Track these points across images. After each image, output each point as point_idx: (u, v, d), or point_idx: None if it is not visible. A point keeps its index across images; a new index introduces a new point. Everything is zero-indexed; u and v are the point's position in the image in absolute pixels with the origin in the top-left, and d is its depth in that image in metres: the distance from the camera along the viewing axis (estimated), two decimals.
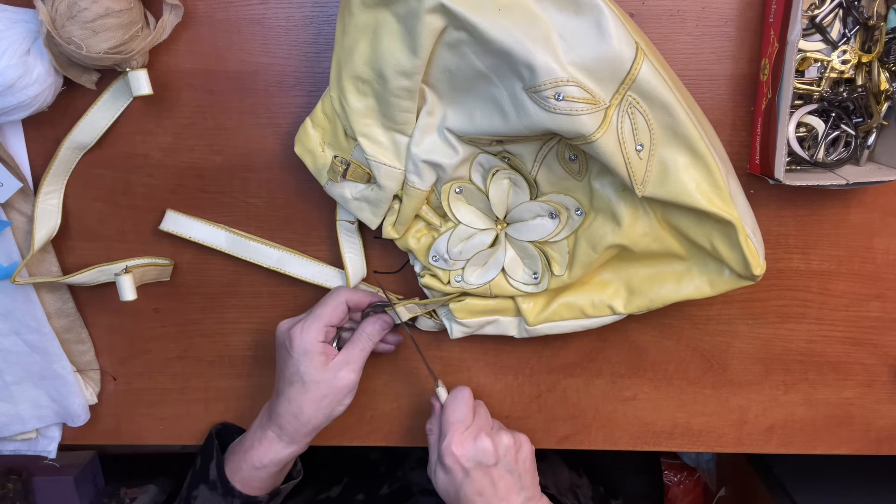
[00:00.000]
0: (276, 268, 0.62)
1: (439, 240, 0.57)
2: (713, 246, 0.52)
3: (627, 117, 0.47)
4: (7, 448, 0.68)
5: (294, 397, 0.57)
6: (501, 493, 0.56)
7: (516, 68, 0.46)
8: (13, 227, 0.60)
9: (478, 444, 0.56)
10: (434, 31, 0.47)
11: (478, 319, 0.60)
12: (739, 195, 0.52)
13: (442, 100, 0.52)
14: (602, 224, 0.54)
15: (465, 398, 0.58)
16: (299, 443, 0.59)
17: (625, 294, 0.57)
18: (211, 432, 0.65)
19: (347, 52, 0.51)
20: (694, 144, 0.48)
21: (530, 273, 0.57)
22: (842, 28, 0.55)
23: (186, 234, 0.61)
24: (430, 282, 0.59)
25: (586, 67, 0.45)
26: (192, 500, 0.60)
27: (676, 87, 0.48)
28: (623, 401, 0.67)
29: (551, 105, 0.45)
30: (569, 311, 0.58)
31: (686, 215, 0.52)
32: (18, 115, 0.54)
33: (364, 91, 0.52)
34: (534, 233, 0.56)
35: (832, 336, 0.64)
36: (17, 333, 0.63)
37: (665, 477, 1.23)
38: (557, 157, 0.54)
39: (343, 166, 0.54)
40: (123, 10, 0.51)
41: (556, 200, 0.55)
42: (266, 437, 0.59)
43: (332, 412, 0.58)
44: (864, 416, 0.66)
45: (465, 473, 0.55)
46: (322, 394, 0.57)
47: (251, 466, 0.59)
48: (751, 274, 0.51)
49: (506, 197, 0.56)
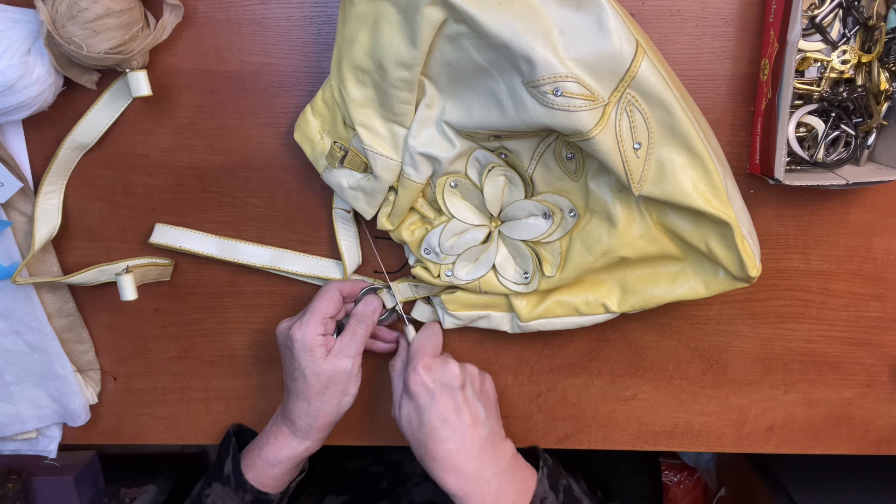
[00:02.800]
0: (269, 267, 0.62)
1: (432, 233, 0.57)
2: (709, 247, 0.52)
3: (626, 115, 0.47)
4: (7, 448, 0.68)
5: (301, 392, 0.57)
6: (466, 420, 0.55)
7: (515, 62, 0.45)
8: (13, 227, 0.60)
9: (445, 366, 0.56)
10: (434, 24, 0.47)
11: (469, 313, 0.60)
12: (736, 196, 0.51)
13: (441, 93, 0.52)
14: (597, 225, 0.54)
15: (436, 332, 0.59)
16: (313, 438, 0.59)
17: (619, 293, 0.57)
18: (229, 431, 0.65)
19: (348, 42, 0.51)
20: (692, 144, 0.48)
21: (521, 272, 0.57)
22: (842, 28, 0.55)
23: (177, 244, 0.62)
24: (421, 273, 0.59)
25: (586, 63, 0.45)
26: (205, 499, 0.60)
27: (675, 86, 0.48)
28: (623, 401, 0.67)
29: (549, 100, 0.45)
30: (562, 308, 0.58)
31: (682, 216, 0.52)
32: (19, 115, 0.54)
33: (364, 81, 0.52)
34: (527, 232, 0.56)
35: (832, 336, 0.64)
36: (17, 333, 0.63)
37: (665, 477, 1.23)
38: (554, 155, 0.54)
39: (342, 152, 0.54)
40: (124, 10, 0.51)
41: (550, 200, 0.55)
42: (281, 432, 0.60)
43: (339, 403, 0.58)
44: (864, 416, 0.66)
45: (431, 396, 0.55)
46: (324, 384, 0.57)
47: (266, 462, 0.59)
48: (746, 275, 0.51)
49: (501, 194, 0.56)
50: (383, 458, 0.78)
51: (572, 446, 0.68)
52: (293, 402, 0.58)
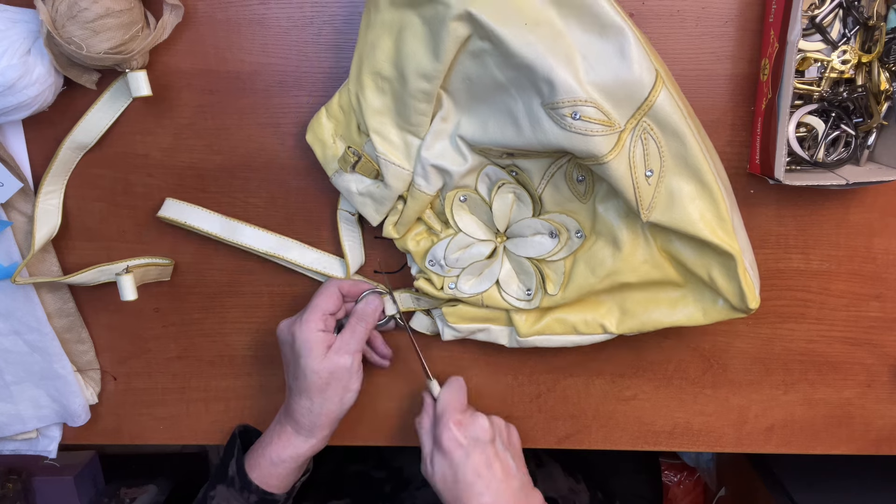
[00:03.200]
0: (271, 253, 0.61)
1: (437, 245, 0.57)
2: (711, 276, 0.52)
3: (640, 142, 0.47)
4: (7, 448, 0.68)
5: (303, 390, 0.57)
6: (498, 474, 0.55)
7: (536, 83, 0.46)
8: (13, 227, 0.60)
9: (475, 421, 0.56)
10: (458, 39, 0.47)
11: (469, 326, 0.60)
12: (741, 229, 0.52)
13: (458, 107, 0.52)
14: (602, 248, 0.54)
15: (462, 386, 0.59)
16: (317, 436, 0.59)
17: (618, 314, 0.58)
18: (234, 432, 0.65)
19: (370, 48, 0.51)
20: (703, 175, 0.49)
21: (524, 289, 0.58)
22: (842, 28, 0.55)
23: (182, 219, 0.60)
24: (424, 286, 0.59)
25: (605, 89, 0.46)
26: (209, 501, 0.60)
27: (690, 117, 0.48)
28: (623, 401, 0.67)
29: (567, 123, 0.46)
30: (561, 325, 0.58)
31: (687, 244, 0.52)
32: (19, 115, 0.54)
33: (383, 88, 0.52)
34: (532, 249, 0.56)
35: (832, 336, 0.64)
36: (17, 333, 0.63)
37: (665, 477, 1.23)
38: (565, 177, 0.54)
39: (355, 157, 0.54)
40: (124, 10, 0.51)
41: (557, 220, 0.56)
42: (284, 432, 0.59)
43: (342, 399, 0.58)
44: (864, 416, 0.66)
45: (465, 453, 0.55)
46: (325, 381, 0.57)
47: (270, 462, 0.59)
48: (745, 307, 0.52)
49: (509, 211, 0.56)
50: (385, 463, 0.78)
51: (572, 446, 0.68)
52: (296, 400, 0.58)
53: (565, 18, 0.46)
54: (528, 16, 0.46)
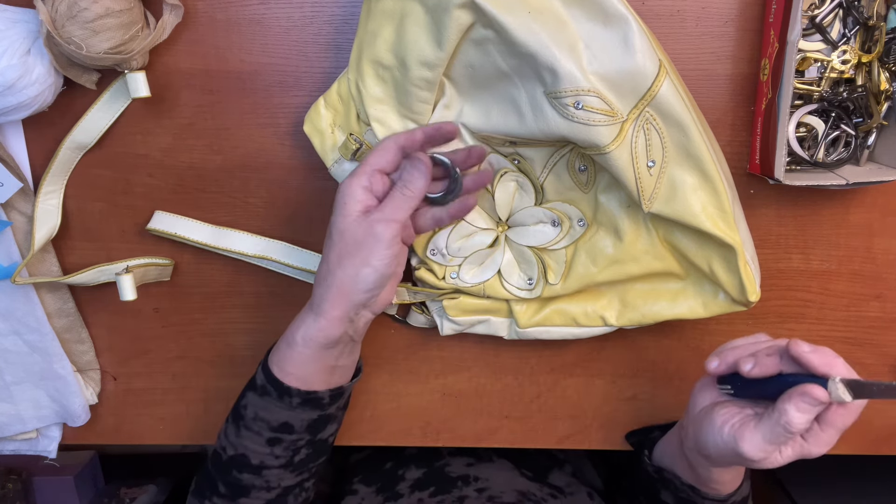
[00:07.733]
0: (261, 255, 0.61)
1: (440, 234, 0.57)
2: (711, 269, 0.52)
3: (643, 133, 0.47)
4: (7, 448, 0.68)
5: (325, 255, 0.51)
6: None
7: (539, 72, 0.46)
8: (13, 227, 0.60)
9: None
10: (461, 27, 0.47)
11: (469, 318, 0.60)
12: (742, 221, 0.52)
13: (461, 95, 0.52)
14: (604, 237, 0.54)
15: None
16: (325, 314, 0.51)
17: (618, 306, 0.58)
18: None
19: (370, 37, 0.51)
20: (705, 166, 0.48)
21: (526, 278, 0.58)
22: (842, 28, 0.55)
23: (172, 230, 0.61)
24: (425, 276, 0.59)
25: (609, 79, 0.46)
26: (243, 410, 0.55)
27: (693, 108, 0.48)
28: (623, 400, 0.67)
29: (570, 113, 0.46)
30: (561, 317, 0.58)
31: (688, 236, 0.52)
32: (18, 115, 0.54)
33: (383, 77, 0.52)
34: (534, 238, 0.56)
35: (832, 336, 0.64)
36: (17, 333, 0.63)
37: None
38: (567, 166, 0.54)
39: (356, 145, 0.54)
40: (123, 10, 0.51)
41: (559, 209, 0.56)
42: (301, 312, 0.54)
43: (358, 273, 0.50)
44: (864, 416, 0.66)
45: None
46: (347, 246, 0.50)
47: (286, 344, 0.53)
48: (746, 300, 0.52)
49: (511, 199, 0.56)
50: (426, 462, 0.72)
51: (572, 446, 0.68)
52: (319, 268, 0.53)
53: (569, 7, 0.46)
54: (531, 4, 0.45)
